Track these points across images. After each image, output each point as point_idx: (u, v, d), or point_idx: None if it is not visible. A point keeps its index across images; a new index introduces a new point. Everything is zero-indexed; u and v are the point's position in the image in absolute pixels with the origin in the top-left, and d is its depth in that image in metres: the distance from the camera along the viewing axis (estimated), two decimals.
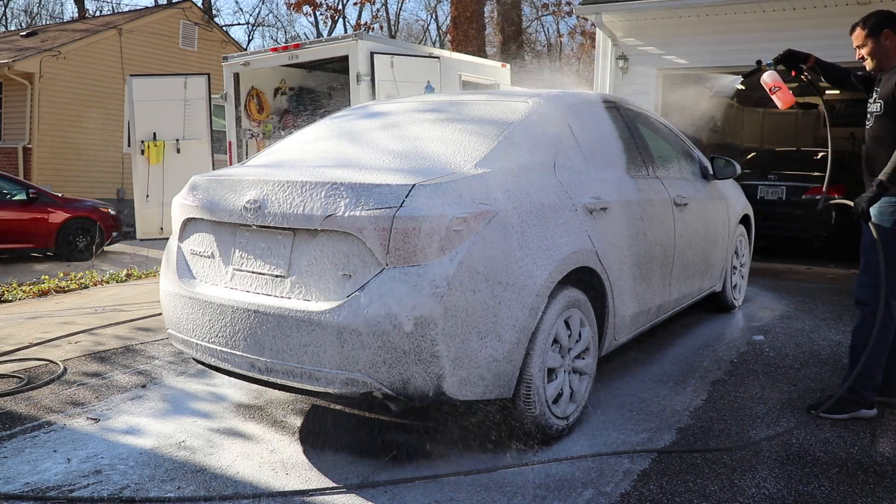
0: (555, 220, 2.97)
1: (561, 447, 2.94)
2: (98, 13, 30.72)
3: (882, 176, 3.07)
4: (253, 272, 2.86)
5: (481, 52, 14.48)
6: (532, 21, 28.04)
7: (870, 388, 3.24)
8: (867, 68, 3.34)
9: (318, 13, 31.28)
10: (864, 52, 3.29)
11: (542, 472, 2.72)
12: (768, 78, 3.63)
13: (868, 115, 3.30)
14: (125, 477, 2.72)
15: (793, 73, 3.61)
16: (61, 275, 7.39)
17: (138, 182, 9.03)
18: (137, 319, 5.31)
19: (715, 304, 5.34)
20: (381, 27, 32.85)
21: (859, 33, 3.30)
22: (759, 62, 3.69)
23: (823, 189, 3.83)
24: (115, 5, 35.82)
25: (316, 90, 9.87)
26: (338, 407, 3.40)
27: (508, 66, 10.11)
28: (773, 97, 3.64)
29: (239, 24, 50.33)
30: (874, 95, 3.28)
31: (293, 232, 2.76)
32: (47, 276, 7.26)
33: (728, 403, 3.48)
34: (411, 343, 2.47)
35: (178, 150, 8.97)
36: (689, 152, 4.79)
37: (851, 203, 3.21)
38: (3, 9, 35.40)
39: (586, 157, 3.44)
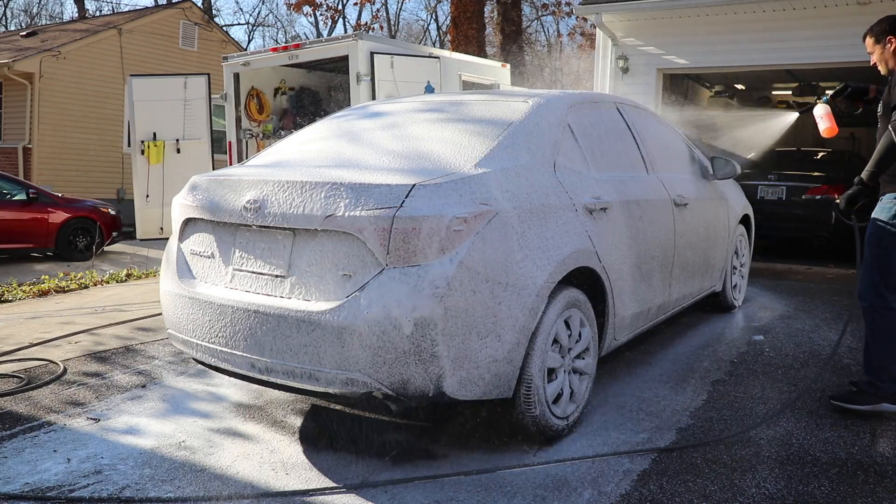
0: (555, 221, 2.96)
1: (561, 447, 2.94)
2: (98, 13, 30.74)
3: (863, 174, 3.22)
4: (253, 272, 2.86)
5: (481, 52, 14.48)
6: (532, 21, 28.02)
7: (885, 380, 3.27)
8: (881, 73, 3.44)
9: (318, 13, 31.36)
10: (874, 58, 3.43)
11: (542, 473, 2.72)
12: (820, 110, 3.92)
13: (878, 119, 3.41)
14: (125, 477, 2.72)
15: (859, 107, 3.78)
16: (61, 275, 7.39)
17: (138, 182, 9.05)
18: (137, 319, 5.31)
19: (715, 304, 5.35)
20: (381, 27, 32.88)
21: (869, 41, 3.44)
22: (816, 97, 4.04)
23: None
24: (115, 5, 35.88)
25: (316, 90, 9.88)
26: (338, 407, 3.40)
27: (508, 66, 10.12)
28: (819, 124, 3.92)
29: (239, 24, 50.37)
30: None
31: (293, 232, 2.75)
32: (47, 276, 7.26)
33: (728, 403, 3.48)
34: (411, 343, 2.47)
35: (178, 151, 8.99)
36: (688, 152, 4.79)
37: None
38: (3, 9, 35.43)
39: (586, 157, 3.44)
